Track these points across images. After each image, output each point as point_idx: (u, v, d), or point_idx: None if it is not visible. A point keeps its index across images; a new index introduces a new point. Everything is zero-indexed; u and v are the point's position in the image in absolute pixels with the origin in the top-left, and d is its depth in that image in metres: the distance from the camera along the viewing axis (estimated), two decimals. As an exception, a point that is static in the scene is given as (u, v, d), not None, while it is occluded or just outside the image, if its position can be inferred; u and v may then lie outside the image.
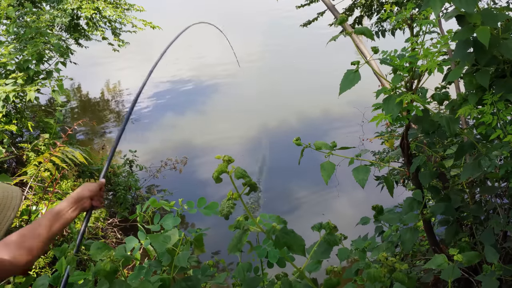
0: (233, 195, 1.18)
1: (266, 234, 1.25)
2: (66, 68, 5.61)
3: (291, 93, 10.52)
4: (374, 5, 6.07)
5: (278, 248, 1.24)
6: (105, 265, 1.32)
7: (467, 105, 1.77)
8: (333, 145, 1.83)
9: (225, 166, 1.16)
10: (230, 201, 1.18)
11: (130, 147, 6.67)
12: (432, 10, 1.62)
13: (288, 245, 1.23)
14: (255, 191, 1.24)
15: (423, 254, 3.48)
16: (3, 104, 4.35)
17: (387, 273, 1.28)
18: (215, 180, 1.17)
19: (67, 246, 1.74)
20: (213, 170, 1.18)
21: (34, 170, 4.31)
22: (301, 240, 1.24)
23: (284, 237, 1.23)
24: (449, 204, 2.10)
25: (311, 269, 1.57)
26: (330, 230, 1.35)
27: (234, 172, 1.19)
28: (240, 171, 1.19)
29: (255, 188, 1.23)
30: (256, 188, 1.23)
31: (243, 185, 1.22)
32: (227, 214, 1.17)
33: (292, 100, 10.14)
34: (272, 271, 1.97)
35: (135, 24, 8.45)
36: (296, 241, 1.23)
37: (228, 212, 1.17)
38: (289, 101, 10.10)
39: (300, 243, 1.23)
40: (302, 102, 9.99)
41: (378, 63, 1.85)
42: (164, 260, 1.67)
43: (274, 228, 1.23)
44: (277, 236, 1.23)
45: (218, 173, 1.16)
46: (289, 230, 1.26)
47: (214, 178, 1.17)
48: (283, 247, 1.22)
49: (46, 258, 3.93)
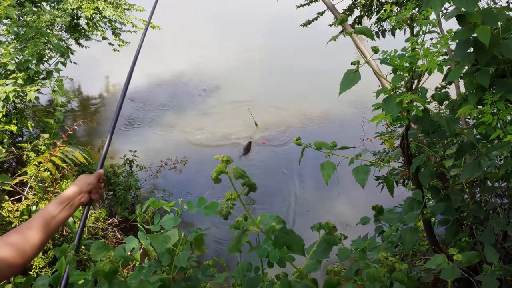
0: (232, 195, 1.18)
1: (265, 234, 1.25)
2: (66, 68, 5.61)
3: (291, 93, 10.52)
4: (374, 5, 6.06)
5: (277, 248, 1.23)
6: (104, 266, 1.32)
7: (467, 105, 1.77)
8: (333, 145, 1.83)
9: (224, 166, 1.15)
10: (229, 201, 1.18)
11: (130, 147, 6.68)
12: (432, 10, 1.62)
13: (288, 245, 1.22)
14: (254, 191, 1.23)
15: (423, 254, 3.48)
16: (3, 104, 4.35)
17: (387, 273, 1.27)
18: (214, 181, 1.16)
19: (67, 246, 1.74)
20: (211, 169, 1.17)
21: (34, 170, 4.31)
22: (300, 240, 1.24)
23: (283, 237, 1.22)
24: (449, 204, 2.10)
25: (311, 269, 1.57)
26: (330, 230, 1.35)
27: (233, 172, 1.18)
28: (239, 171, 1.19)
29: (254, 188, 1.22)
30: (255, 188, 1.22)
31: (242, 185, 1.22)
32: (226, 214, 1.17)
33: (293, 100, 10.15)
34: (272, 271, 1.97)
35: (135, 24, 8.45)
36: (296, 241, 1.23)
37: (227, 212, 1.17)
38: (289, 101, 10.10)
39: (299, 243, 1.23)
40: (302, 102, 9.99)
41: (378, 63, 1.85)
42: (164, 260, 1.66)
43: (273, 228, 1.23)
44: (276, 236, 1.23)
45: (217, 174, 1.15)
46: (288, 229, 1.25)
47: (213, 179, 1.16)
48: (283, 247, 1.22)
49: (46, 258, 3.93)
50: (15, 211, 4.07)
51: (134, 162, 6.56)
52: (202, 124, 9.35)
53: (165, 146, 8.46)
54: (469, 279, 2.47)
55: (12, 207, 4.10)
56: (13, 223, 4.01)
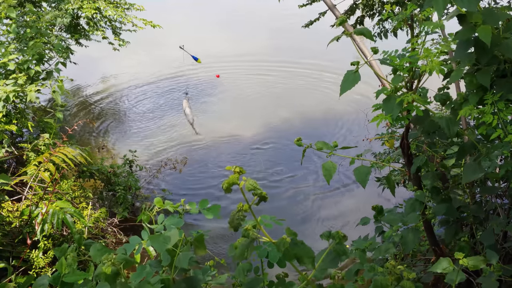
0: (243, 207, 1.14)
1: (276, 246, 1.21)
2: (66, 68, 5.61)
3: (292, 93, 10.51)
4: (376, 4, 6.05)
5: (287, 260, 1.21)
6: (106, 269, 1.31)
7: (468, 105, 1.77)
8: (334, 145, 1.83)
9: (236, 177, 1.12)
10: (240, 212, 1.14)
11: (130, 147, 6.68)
12: (432, 10, 1.62)
13: (298, 257, 1.20)
14: (265, 202, 1.20)
15: (423, 254, 3.48)
16: (3, 104, 4.35)
17: (394, 281, 1.26)
18: (224, 191, 1.14)
19: (67, 246, 1.73)
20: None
21: (34, 170, 4.31)
22: (310, 252, 1.22)
23: (294, 249, 1.20)
24: (451, 205, 2.10)
25: (319, 277, 1.55)
26: (340, 240, 1.32)
27: (246, 184, 1.15)
28: (251, 183, 1.15)
29: (265, 199, 1.20)
30: (267, 198, 1.19)
31: (253, 195, 1.18)
32: (236, 226, 1.14)
33: (293, 100, 10.13)
34: (272, 271, 1.97)
35: (135, 24, 8.45)
36: (306, 253, 1.21)
37: (237, 224, 1.14)
38: (290, 101, 10.09)
39: (309, 255, 1.21)
40: (303, 102, 9.98)
41: (379, 63, 1.85)
42: (164, 261, 1.66)
43: (284, 241, 1.19)
44: (286, 249, 1.20)
45: (229, 185, 1.12)
46: (298, 241, 1.23)
47: (224, 189, 1.13)
48: (293, 258, 1.20)
49: (46, 258, 3.93)
50: (15, 211, 4.07)
51: (134, 162, 6.56)
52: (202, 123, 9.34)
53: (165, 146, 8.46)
54: (469, 279, 2.47)
55: (12, 207, 4.09)
56: (13, 223, 4.01)
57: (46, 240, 4.05)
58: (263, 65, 12.01)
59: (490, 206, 2.73)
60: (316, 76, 11.12)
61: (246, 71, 11.70)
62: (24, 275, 3.54)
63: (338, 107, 9.27)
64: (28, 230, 3.91)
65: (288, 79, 11.24)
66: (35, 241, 3.88)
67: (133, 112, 10.00)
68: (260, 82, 11.20)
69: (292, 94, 10.46)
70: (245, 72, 11.65)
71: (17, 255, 3.87)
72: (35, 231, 3.80)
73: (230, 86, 11.04)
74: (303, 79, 11.14)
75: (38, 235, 3.79)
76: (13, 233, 4.00)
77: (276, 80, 11.21)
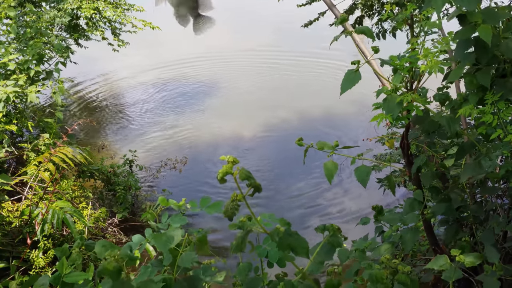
0: (237, 197, 1.17)
1: (270, 236, 1.24)
2: (66, 68, 5.61)
3: (291, 93, 10.52)
4: (375, 4, 6.05)
5: (281, 250, 1.23)
6: (109, 264, 1.32)
7: (468, 105, 1.77)
8: (335, 145, 1.83)
9: (230, 167, 1.15)
10: (234, 202, 1.17)
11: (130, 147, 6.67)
12: (432, 10, 1.63)
13: (292, 247, 1.22)
14: (259, 192, 1.22)
15: (423, 254, 3.48)
16: (4, 105, 4.35)
17: (390, 275, 1.27)
18: (219, 181, 1.16)
19: (67, 246, 1.73)
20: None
21: (34, 170, 4.31)
22: (304, 242, 1.24)
23: (288, 239, 1.22)
24: (450, 204, 2.11)
25: (314, 271, 1.56)
26: (334, 232, 1.35)
27: (239, 173, 1.17)
28: (244, 172, 1.18)
29: (259, 189, 1.22)
30: (260, 189, 1.21)
31: (247, 186, 1.21)
32: (231, 215, 1.16)
33: (293, 100, 10.14)
34: (272, 271, 1.97)
35: (135, 24, 8.44)
36: (300, 243, 1.22)
37: (232, 213, 1.16)
38: (289, 101, 10.09)
39: (303, 245, 1.23)
40: (303, 102, 9.99)
41: (379, 62, 1.85)
42: (165, 260, 1.66)
43: (278, 230, 1.22)
44: (280, 238, 1.22)
45: (223, 174, 1.14)
46: (292, 232, 1.25)
47: (218, 179, 1.16)
48: (287, 249, 1.22)
49: (46, 258, 3.93)
50: (15, 211, 4.07)
51: (134, 162, 6.56)
52: (201, 123, 9.33)
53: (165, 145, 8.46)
54: (469, 279, 2.47)
55: (12, 207, 4.09)
56: (13, 223, 4.01)
57: (46, 240, 4.05)
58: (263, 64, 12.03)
59: (490, 206, 2.73)
60: (316, 76, 11.13)
61: (246, 71, 11.71)
62: (24, 275, 3.54)
63: (338, 107, 9.28)
64: (28, 230, 3.91)
65: (289, 79, 11.25)
66: (35, 241, 3.88)
67: (133, 112, 10.00)
68: (260, 82, 11.21)
69: (292, 94, 10.47)
70: (245, 72, 11.66)
71: (17, 255, 3.86)
72: (35, 231, 3.80)
73: (230, 86, 11.05)
74: (303, 79, 11.15)
75: (38, 235, 3.79)
76: (13, 233, 4.00)
77: (276, 80, 11.22)
